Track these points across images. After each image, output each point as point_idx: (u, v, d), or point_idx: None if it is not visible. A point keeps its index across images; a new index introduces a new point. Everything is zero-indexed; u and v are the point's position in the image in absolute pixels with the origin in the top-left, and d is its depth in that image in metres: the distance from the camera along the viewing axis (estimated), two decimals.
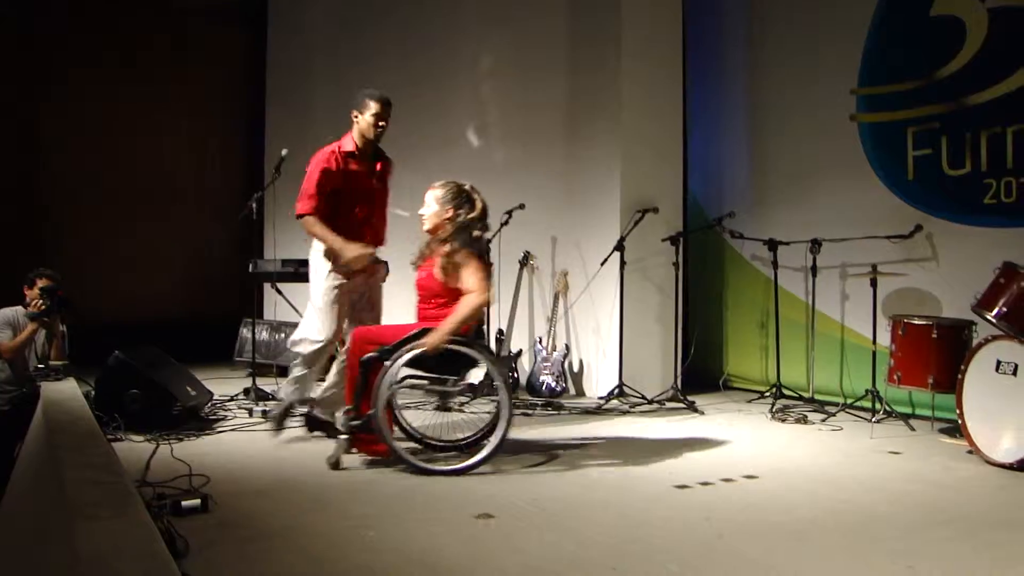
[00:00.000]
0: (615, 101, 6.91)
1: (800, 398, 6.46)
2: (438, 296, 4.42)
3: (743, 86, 7.50)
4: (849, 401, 6.07)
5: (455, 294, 4.35)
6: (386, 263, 5.16)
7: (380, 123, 4.92)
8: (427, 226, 4.51)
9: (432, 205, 4.49)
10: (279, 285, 7.21)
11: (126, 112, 9.67)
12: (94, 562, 1.75)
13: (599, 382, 6.94)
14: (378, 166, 5.07)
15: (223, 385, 6.88)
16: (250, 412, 5.88)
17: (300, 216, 4.83)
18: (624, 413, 6.21)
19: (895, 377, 5.43)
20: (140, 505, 2.18)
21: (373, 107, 4.89)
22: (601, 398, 6.55)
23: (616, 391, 6.55)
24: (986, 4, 5.77)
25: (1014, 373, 4.45)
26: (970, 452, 4.68)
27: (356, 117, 4.94)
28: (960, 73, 5.93)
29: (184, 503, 3.40)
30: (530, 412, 6.14)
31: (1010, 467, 4.38)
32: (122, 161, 9.64)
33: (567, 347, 7.08)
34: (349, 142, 4.96)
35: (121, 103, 9.63)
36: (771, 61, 7.27)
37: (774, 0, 7.26)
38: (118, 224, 9.54)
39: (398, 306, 5.28)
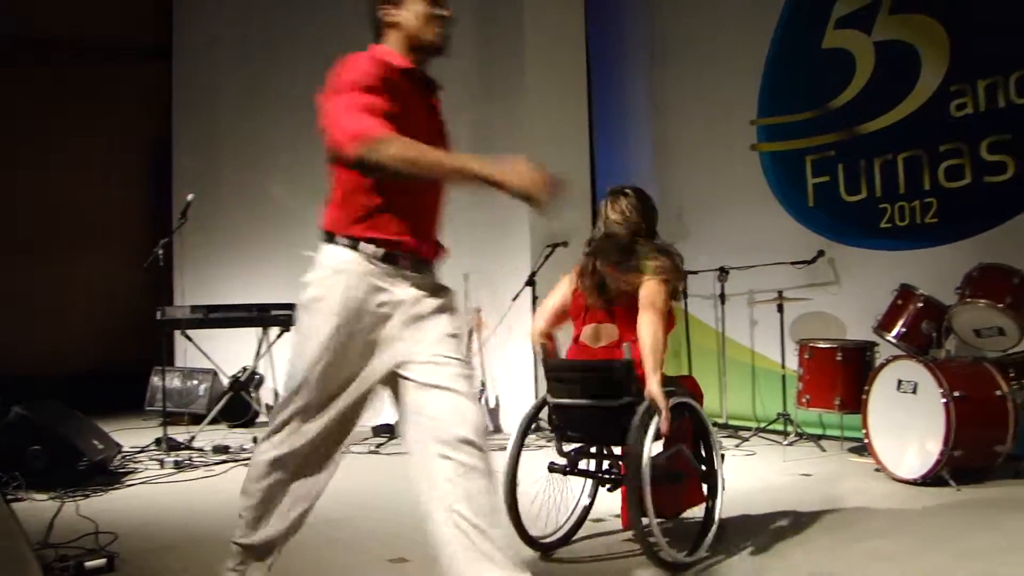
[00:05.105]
0: (521, 134, 6.99)
1: (714, 424, 6.55)
2: None
3: (647, 119, 7.65)
4: (762, 425, 6.19)
5: None
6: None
7: (440, 16, 2.65)
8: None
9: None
10: (189, 332, 7.07)
11: (25, 153, 9.39)
12: None
13: (515, 418, 6.92)
14: (434, 100, 2.81)
15: (133, 436, 6.68)
16: (161, 463, 5.73)
17: (369, 142, 2.29)
18: (542, 447, 6.21)
19: (804, 400, 5.56)
20: (35, 570, 2.10)
21: None
22: None
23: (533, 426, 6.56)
24: (872, 37, 6.03)
25: (914, 391, 4.60)
26: (877, 470, 4.81)
27: (390, 13, 2.62)
28: (852, 103, 6.17)
29: (88, 564, 3.27)
30: None
31: (914, 483, 4.52)
32: (22, 205, 9.35)
33: (483, 384, 7.08)
34: (394, 55, 2.60)
35: (20, 143, 9.35)
36: (674, 94, 7.43)
37: (674, 35, 7.43)
38: (18, 271, 9.23)
39: None
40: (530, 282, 6.61)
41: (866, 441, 4.86)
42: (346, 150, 2.30)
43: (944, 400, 4.39)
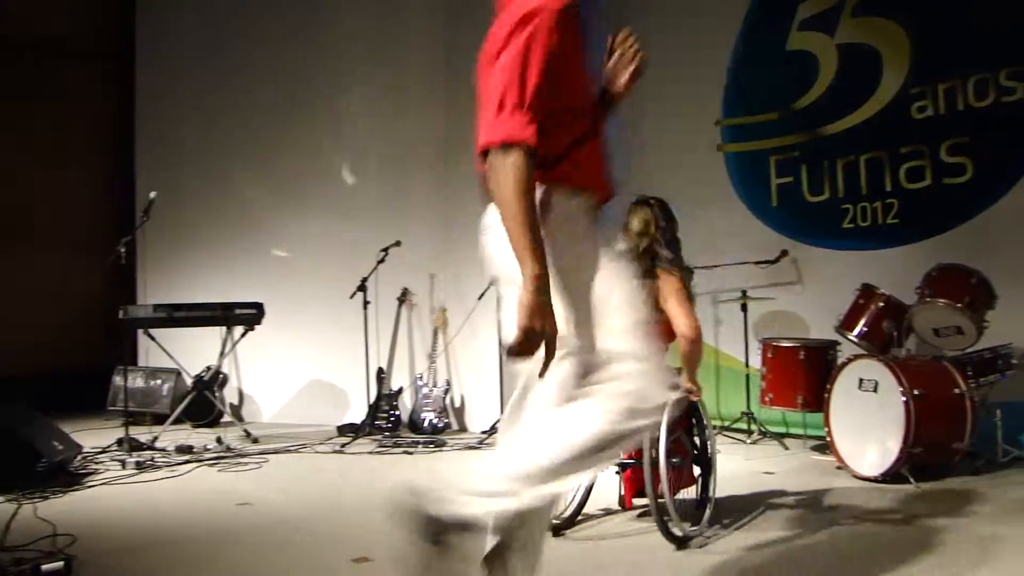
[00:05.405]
0: None
1: None
2: None
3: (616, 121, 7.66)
4: (726, 424, 6.23)
5: None
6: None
7: None
8: None
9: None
10: (152, 331, 7.00)
11: None
12: None
13: (481, 416, 6.94)
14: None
15: (95, 436, 6.60)
16: (123, 464, 5.66)
17: (504, 145, 2.17)
18: None
19: (767, 398, 5.61)
20: None
21: None
22: (484, 432, 6.54)
23: (498, 425, 6.56)
24: (835, 40, 6.10)
25: (875, 390, 4.65)
26: (839, 468, 4.86)
27: None
28: (815, 105, 6.23)
29: (45, 567, 3.21)
30: (412, 450, 6.11)
31: (875, 480, 4.57)
32: None
33: (448, 383, 7.06)
34: None
35: None
36: (639, 95, 7.43)
37: (639, 35, 7.43)
38: None
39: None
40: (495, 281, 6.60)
41: (828, 439, 4.92)
42: (483, 136, 2.20)
43: (904, 398, 4.44)
